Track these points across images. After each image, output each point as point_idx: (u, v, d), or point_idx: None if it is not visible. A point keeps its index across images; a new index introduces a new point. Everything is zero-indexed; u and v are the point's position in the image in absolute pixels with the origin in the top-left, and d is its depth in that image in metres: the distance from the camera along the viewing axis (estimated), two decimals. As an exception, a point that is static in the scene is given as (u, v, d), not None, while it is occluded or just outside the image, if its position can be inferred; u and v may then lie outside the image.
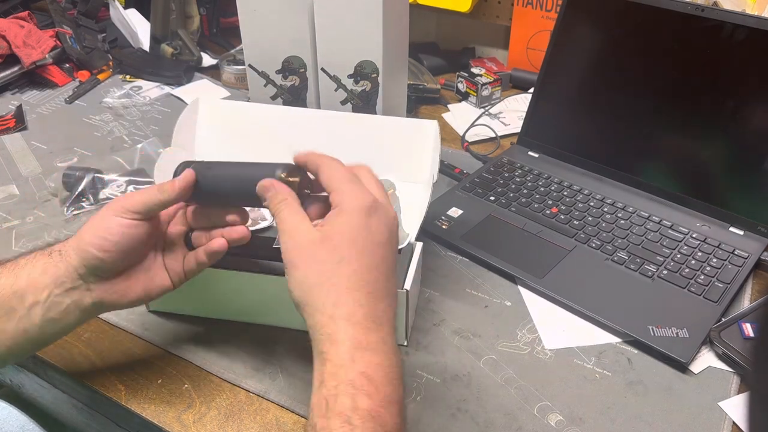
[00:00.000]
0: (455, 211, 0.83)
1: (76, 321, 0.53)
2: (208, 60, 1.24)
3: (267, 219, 0.75)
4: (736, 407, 0.59)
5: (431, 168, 0.71)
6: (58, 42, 1.18)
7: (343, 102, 0.88)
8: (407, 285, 0.61)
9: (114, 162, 0.92)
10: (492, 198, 0.85)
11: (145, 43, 1.24)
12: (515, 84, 1.18)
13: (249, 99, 0.97)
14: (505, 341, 0.66)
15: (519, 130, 0.97)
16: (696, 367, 0.63)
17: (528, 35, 1.18)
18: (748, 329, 0.65)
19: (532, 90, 0.97)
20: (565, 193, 0.86)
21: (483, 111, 1.09)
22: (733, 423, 0.58)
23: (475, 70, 1.15)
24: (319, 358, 0.44)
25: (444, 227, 0.80)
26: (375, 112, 0.88)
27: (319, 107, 0.90)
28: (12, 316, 0.51)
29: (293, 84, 0.91)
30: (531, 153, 0.94)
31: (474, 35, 1.28)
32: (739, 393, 0.61)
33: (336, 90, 0.87)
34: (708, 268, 0.73)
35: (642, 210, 0.82)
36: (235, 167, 0.55)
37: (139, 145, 0.95)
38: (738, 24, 0.76)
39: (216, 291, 0.64)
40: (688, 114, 0.82)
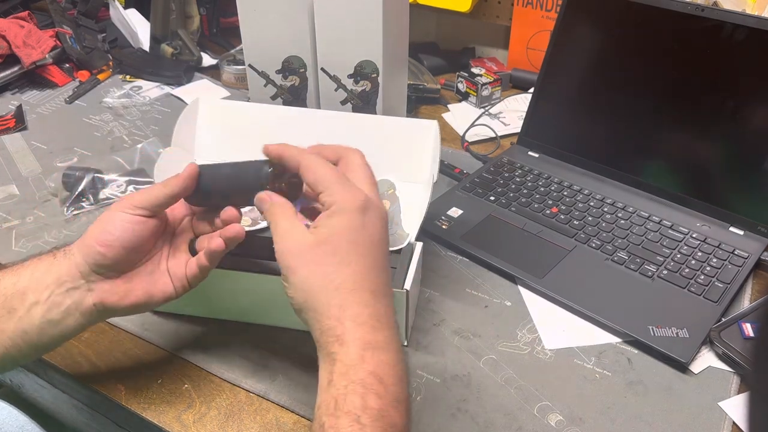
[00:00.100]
0: (455, 211, 0.83)
1: (75, 325, 0.53)
2: (208, 60, 1.24)
3: (267, 219, 0.75)
4: (736, 407, 0.59)
5: (431, 168, 0.71)
6: (58, 42, 1.18)
7: (343, 102, 0.88)
8: (407, 285, 0.60)
9: (114, 162, 0.92)
10: (492, 198, 0.85)
11: (145, 43, 1.24)
12: (515, 84, 1.18)
13: (249, 99, 0.97)
14: (505, 341, 0.66)
15: (519, 130, 0.97)
16: (696, 367, 0.63)
17: (528, 35, 1.18)
18: (748, 329, 0.65)
19: (532, 90, 0.97)
20: (565, 193, 0.86)
21: (483, 111, 1.09)
22: (733, 423, 0.58)
23: (475, 70, 1.15)
24: (328, 358, 0.44)
25: (444, 227, 0.80)
26: (375, 112, 0.88)
27: (319, 107, 0.90)
28: (12, 315, 0.51)
29: (293, 84, 0.91)
30: (531, 153, 0.94)
31: (474, 35, 1.28)
32: (739, 393, 0.61)
33: (336, 90, 0.87)
34: (708, 268, 0.73)
35: (642, 210, 0.82)
36: (227, 167, 0.55)
37: (139, 145, 0.95)
38: (738, 24, 0.76)
39: (216, 291, 0.64)
40: (688, 114, 0.82)
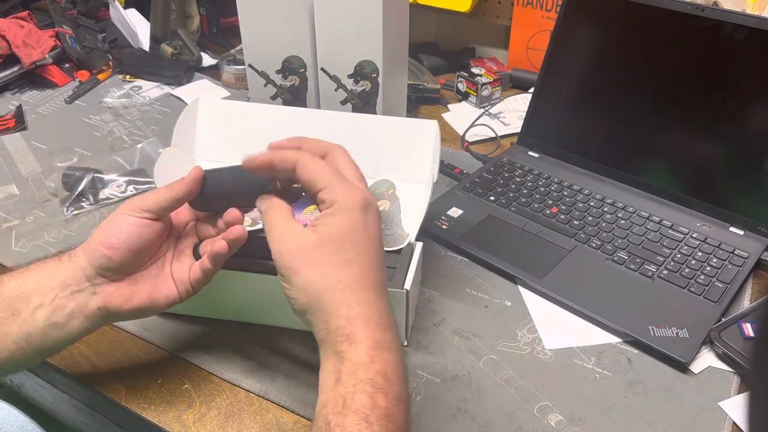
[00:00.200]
0: (455, 211, 0.83)
1: (79, 328, 0.53)
2: (208, 60, 1.24)
3: (267, 219, 0.75)
4: (736, 407, 0.59)
5: (431, 168, 0.71)
6: (58, 42, 1.18)
7: (343, 102, 0.88)
8: (407, 285, 0.60)
9: (114, 162, 0.92)
10: (492, 198, 0.85)
11: (145, 43, 1.24)
12: (515, 84, 1.18)
13: (249, 99, 0.97)
14: (505, 341, 0.66)
15: (519, 130, 0.97)
16: (696, 367, 0.63)
17: (528, 35, 1.18)
18: (748, 329, 0.65)
19: (532, 90, 0.97)
20: (565, 193, 0.86)
21: (483, 111, 1.09)
22: (733, 423, 0.58)
23: (475, 70, 1.15)
24: (336, 357, 0.44)
25: (444, 227, 0.80)
26: (375, 112, 0.87)
27: (319, 107, 0.90)
28: (17, 318, 0.51)
29: (293, 84, 0.91)
30: (531, 153, 0.94)
31: (474, 35, 1.28)
32: (739, 393, 0.61)
33: (336, 90, 0.87)
34: (708, 268, 0.73)
35: (642, 210, 0.82)
36: (232, 170, 0.55)
37: (139, 145, 0.95)
38: (738, 24, 0.76)
39: (216, 291, 0.64)
40: (688, 114, 0.82)
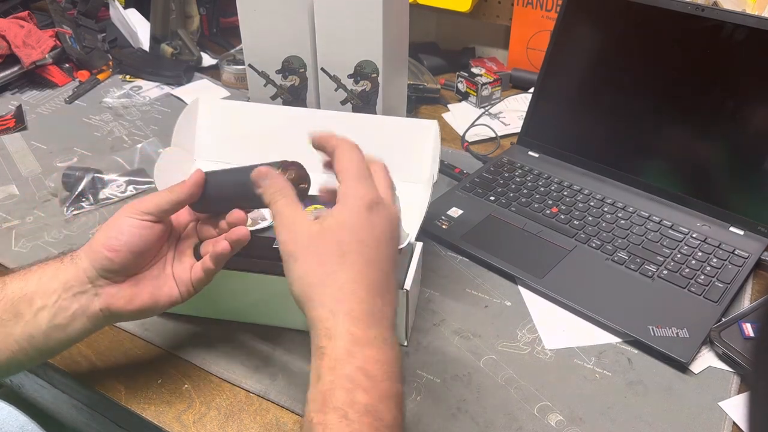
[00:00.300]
0: (455, 211, 0.83)
1: (81, 329, 0.53)
2: (208, 60, 1.24)
3: (267, 219, 0.75)
4: (736, 407, 0.59)
5: (431, 168, 0.71)
6: (57, 42, 1.18)
7: (343, 102, 0.88)
8: (407, 285, 0.60)
9: (114, 162, 0.92)
10: (492, 198, 0.85)
11: (145, 43, 1.24)
12: (515, 84, 1.17)
13: (249, 99, 0.97)
14: (505, 341, 0.66)
15: (519, 130, 0.97)
16: (696, 367, 0.63)
17: (528, 35, 1.18)
18: (748, 329, 0.65)
19: (532, 90, 0.97)
20: (565, 193, 0.86)
21: (483, 111, 1.09)
22: (733, 423, 0.58)
23: (475, 70, 1.15)
24: (317, 353, 0.44)
25: (444, 227, 0.80)
26: (375, 112, 0.87)
27: (319, 107, 0.90)
28: (19, 320, 0.51)
29: (293, 84, 0.91)
30: (531, 153, 0.94)
31: (474, 35, 1.28)
32: (739, 393, 0.61)
33: (336, 90, 0.87)
34: (708, 268, 0.73)
35: (642, 210, 0.82)
36: (231, 172, 0.55)
37: (139, 145, 0.95)
38: (738, 24, 0.76)
39: (216, 291, 0.64)
40: (688, 114, 0.82)
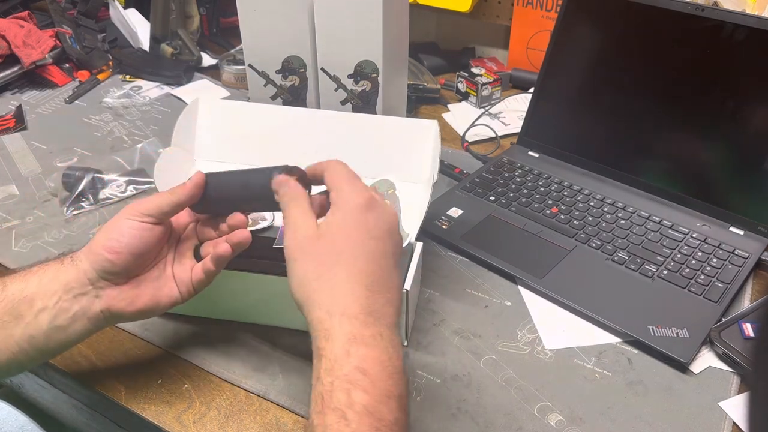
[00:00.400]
0: (455, 211, 0.83)
1: (82, 330, 0.53)
2: (208, 60, 1.24)
3: (267, 219, 0.75)
4: (736, 407, 0.59)
5: (431, 168, 0.71)
6: (57, 42, 1.17)
7: (343, 102, 0.88)
8: (407, 285, 0.61)
9: (114, 162, 0.92)
10: (492, 198, 0.85)
11: (145, 43, 1.24)
12: (515, 84, 1.17)
13: (249, 99, 0.97)
14: (505, 341, 0.66)
15: (519, 130, 0.97)
16: (696, 367, 0.63)
17: (528, 35, 1.18)
18: (748, 329, 0.65)
19: (532, 90, 0.97)
20: (565, 193, 0.86)
21: (483, 111, 1.09)
22: (733, 423, 0.58)
23: (475, 70, 1.15)
24: (316, 354, 0.44)
25: (444, 227, 0.80)
26: (375, 112, 0.87)
27: (319, 107, 0.90)
28: (20, 321, 0.51)
29: (293, 84, 0.91)
30: (531, 153, 0.94)
31: (474, 35, 1.28)
32: (739, 393, 0.61)
33: (336, 90, 0.87)
34: (708, 268, 0.73)
35: (642, 210, 0.82)
36: (234, 175, 0.55)
37: (139, 145, 0.95)
38: (738, 24, 0.76)
39: (216, 291, 0.64)
40: (688, 114, 0.82)
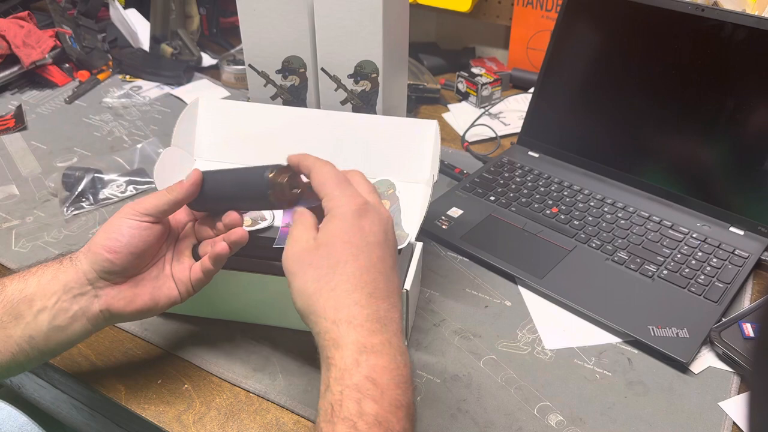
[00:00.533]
0: (455, 211, 0.83)
1: (82, 330, 0.53)
2: (207, 60, 1.24)
3: (267, 219, 0.75)
4: (736, 407, 0.59)
5: (431, 168, 0.71)
6: (57, 42, 1.18)
7: (343, 102, 0.88)
8: (407, 285, 0.60)
9: (114, 162, 0.92)
10: (492, 198, 0.85)
11: (145, 43, 1.24)
12: (515, 84, 1.18)
13: (249, 99, 0.97)
14: (505, 341, 0.66)
15: (519, 130, 0.97)
16: (696, 367, 0.63)
17: (528, 35, 1.18)
18: (748, 329, 0.65)
19: (532, 90, 0.97)
20: (566, 193, 0.85)
21: (483, 111, 1.09)
22: (733, 423, 0.58)
23: (475, 70, 1.15)
24: (325, 363, 0.44)
25: (444, 227, 0.80)
26: (375, 112, 0.87)
27: (319, 107, 0.90)
28: (19, 321, 0.51)
29: (293, 84, 0.90)
30: (531, 153, 0.94)
31: (474, 35, 1.28)
32: (739, 393, 0.61)
33: (336, 90, 0.87)
34: (708, 268, 0.73)
35: (642, 210, 0.82)
36: (229, 173, 0.55)
37: (139, 145, 0.95)
38: (738, 24, 0.76)
39: (216, 291, 0.64)
40: (688, 114, 0.82)
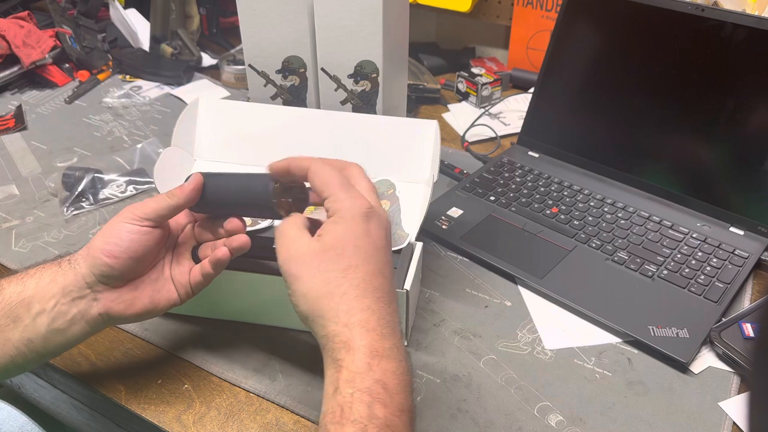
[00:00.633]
0: (455, 211, 0.83)
1: (81, 332, 0.53)
2: (207, 60, 1.24)
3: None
4: (736, 407, 0.59)
5: (431, 168, 0.71)
6: (57, 42, 1.18)
7: (343, 102, 0.88)
8: (407, 285, 0.60)
9: (114, 162, 0.92)
10: (492, 198, 0.85)
11: (145, 43, 1.24)
12: (515, 84, 1.17)
13: (249, 99, 0.97)
14: (505, 341, 0.66)
15: (519, 130, 0.97)
16: (696, 367, 0.63)
17: (528, 35, 1.18)
18: (748, 329, 0.65)
19: (532, 90, 0.97)
20: (566, 193, 0.85)
21: (483, 111, 1.09)
22: (733, 423, 0.58)
23: (475, 70, 1.15)
24: (334, 365, 0.44)
25: (444, 227, 0.80)
26: (375, 112, 0.87)
27: (319, 107, 0.90)
28: (18, 324, 0.51)
29: (293, 84, 0.91)
30: (531, 153, 0.94)
31: (474, 35, 1.28)
32: (739, 393, 0.61)
33: (336, 90, 0.87)
34: (708, 268, 0.73)
35: (642, 210, 0.82)
36: (232, 178, 0.55)
37: (139, 145, 0.95)
38: (738, 24, 0.76)
39: (216, 291, 0.64)
40: (688, 114, 0.82)
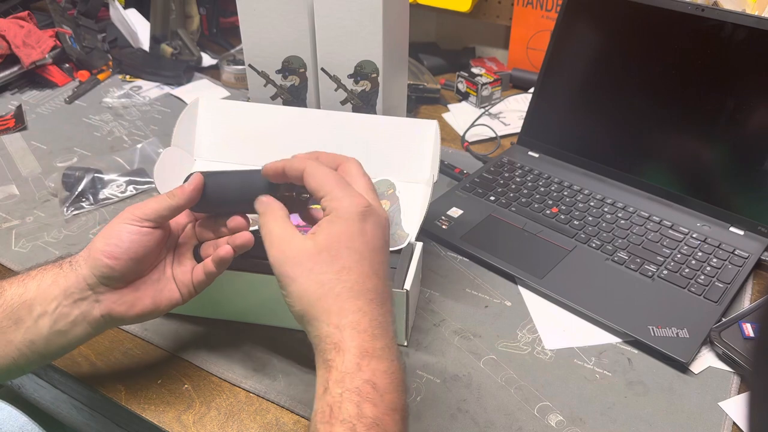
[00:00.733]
0: (455, 211, 0.83)
1: (83, 334, 0.53)
2: (207, 60, 1.24)
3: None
4: (736, 407, 0.59)
5: (431, 168, 0.71)
6: (57, 42, 1.18)
7: (343, 102, 0.88)
8: (407, 285, 0.60)
9: (114, 162, 0.92)
10: (492, 198, 0.85)
11: (145, 43, 1.24)
12: (515, 84, 1.18)
13: (249, 99, 0.97)
14: (505, 341, 0.66)
15: (519, 130, 0.97)
16: (696, 367, 0.63)
17: (528, 35, 1.18)
18: (748, 329, 0.65)
19: (532, 90, 0.97)
20: (566, 193, 0.85)
21: (483, 111, 1.09)
22: (733, 423, 0.58)
23: (475, 70, 1.15)
24: (325, 365, 0.44)
25: (444, 227, 0.80)
26: (375, 112, 0.87)
27: (319, 107, 0.90)
28: (19, 326, 0.51)
29: (293, 84, 0.91)
30: (531, 153, 0.94)
31: (474, 35, 1.28)
32: (739, 393, 0.61)
33: (336, 90, 0.87)
34: (708, 268, 0.73)
35: (642, 210, 0.82)
36: (232, 175, 0.55)
37: (139, 145, 0.95)
38: (738, 24, 0.76)
39: (216, 291, 0.64)
40: (688, 114, 0.82)
